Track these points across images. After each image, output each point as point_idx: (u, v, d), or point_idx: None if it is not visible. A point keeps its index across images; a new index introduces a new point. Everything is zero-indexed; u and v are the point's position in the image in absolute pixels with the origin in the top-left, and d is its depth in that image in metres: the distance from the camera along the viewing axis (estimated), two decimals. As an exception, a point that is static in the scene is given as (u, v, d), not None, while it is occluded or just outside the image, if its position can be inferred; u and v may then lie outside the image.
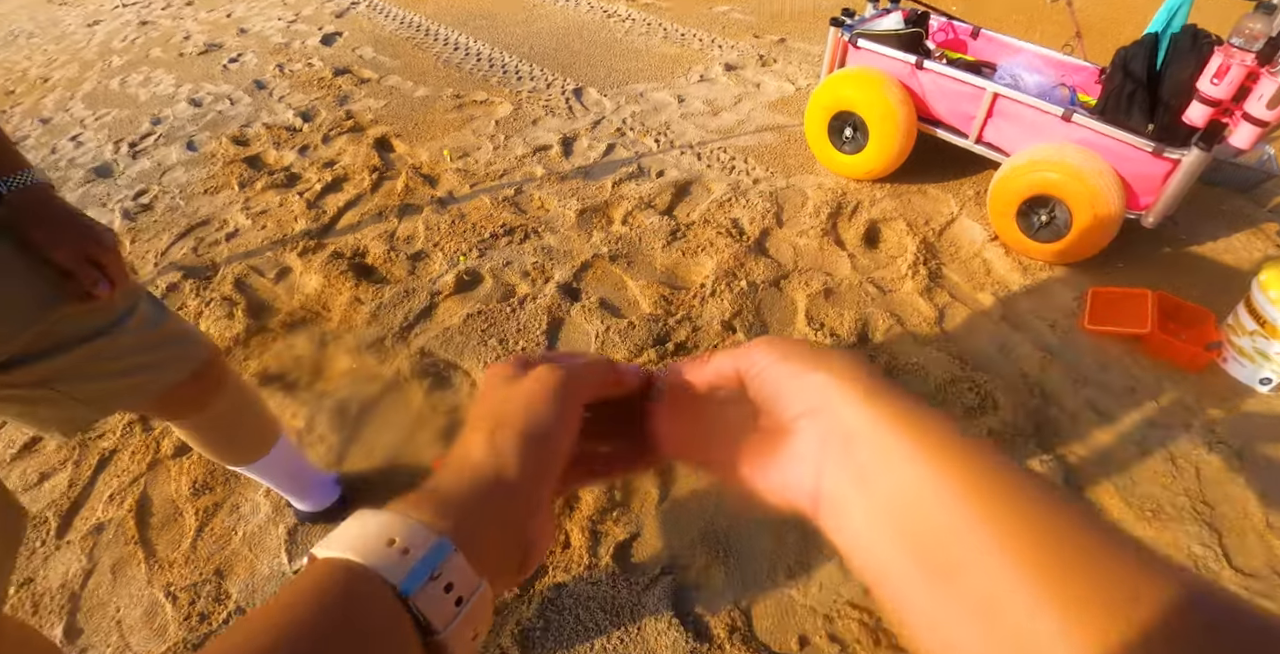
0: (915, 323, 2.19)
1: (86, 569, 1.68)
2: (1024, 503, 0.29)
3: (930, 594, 0.29)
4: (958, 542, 0.29)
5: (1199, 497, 1.71)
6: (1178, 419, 1.90)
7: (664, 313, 2.22)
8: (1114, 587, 0.25)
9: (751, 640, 1.49)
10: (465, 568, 0.34)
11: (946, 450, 0.31)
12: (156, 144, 3.29)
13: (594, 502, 1.72)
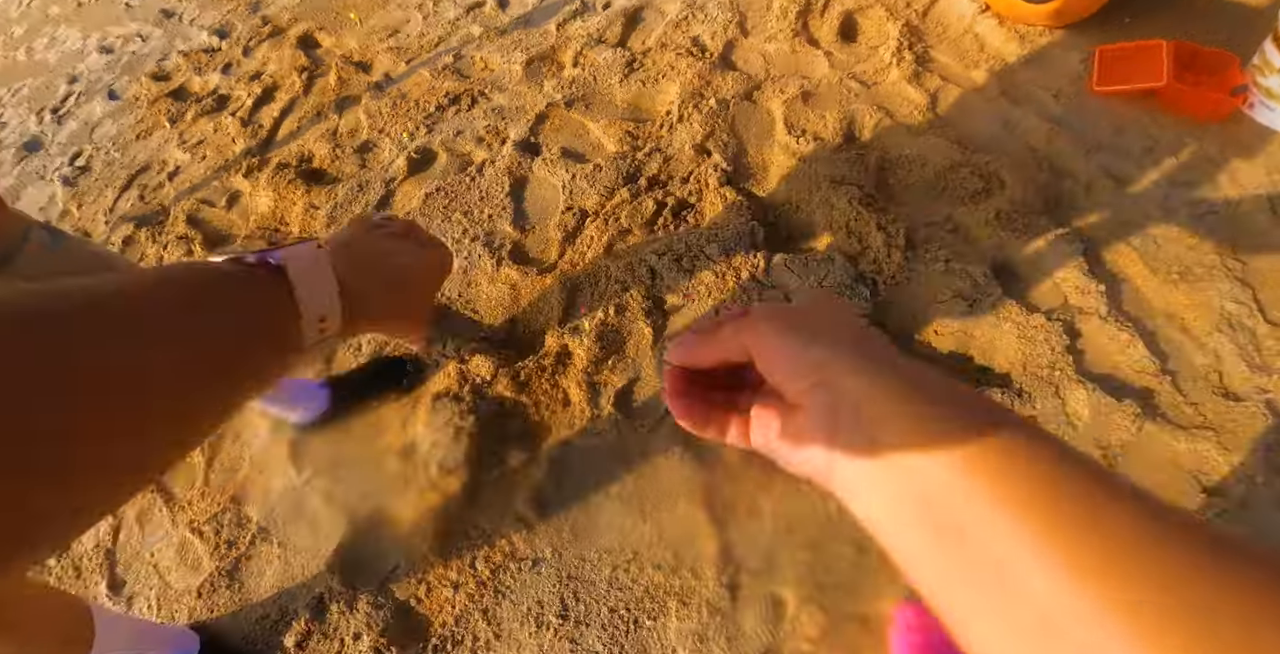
0: (906, 113, 1.99)
1: (114, 526, 1.69)
2: (1030, 464, 0.28)
3: (942, 560, 0.29)
4: (967, 508, 0.28)
5: (1229, 253, 1.55)
6: (1202, 175, 1.71)
7: (631, 149, 2.05)
8: (1124, 550, 0.25)
9: (769, 463, 1.40)
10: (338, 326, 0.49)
11: (955, 412, 0.31)
12: (78, 103, 3.11)
13: (586, 354, 1.61)
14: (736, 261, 1.71)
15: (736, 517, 1.34)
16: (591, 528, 1.40)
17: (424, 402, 1.63)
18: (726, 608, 1.24)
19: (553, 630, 1.29)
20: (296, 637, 1.40)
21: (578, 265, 1.83)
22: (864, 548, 1.26)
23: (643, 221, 1.87)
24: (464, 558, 1.41)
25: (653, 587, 1.30)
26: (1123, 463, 1.26)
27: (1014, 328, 1.46)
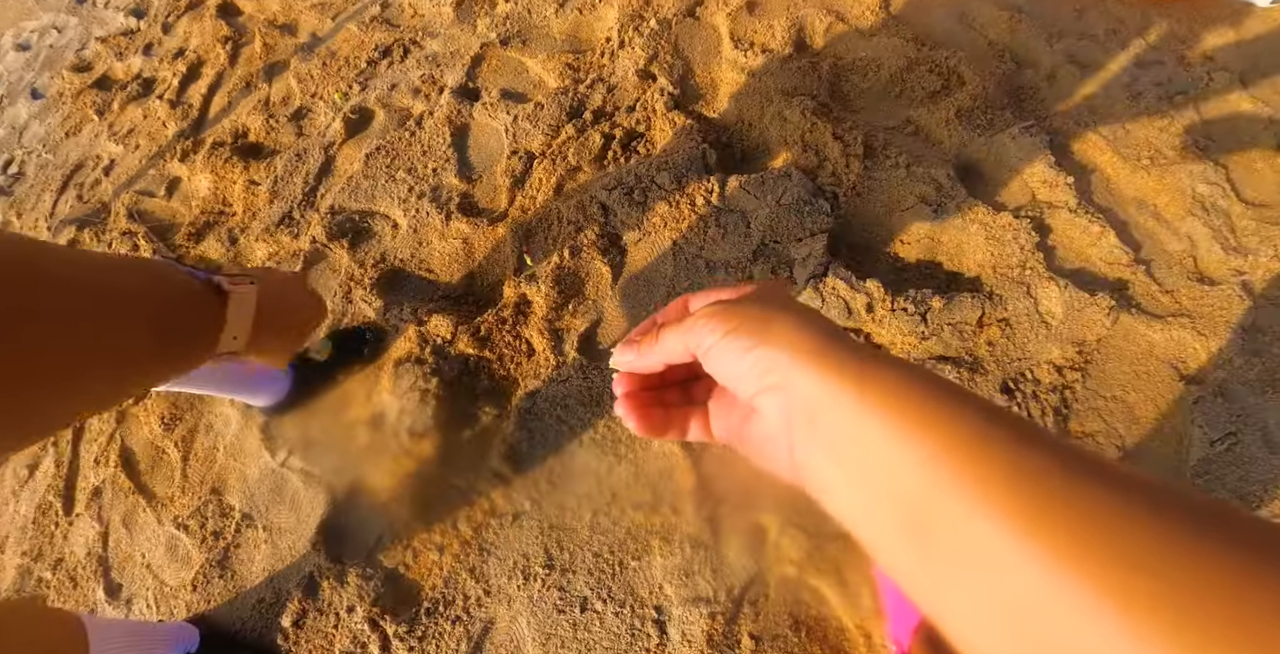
0: (858, 14, 1.89)
1: (101, 532, 1.67)
2: (998, 453, 0.27)
3: (917, 556, 0.29)
4: (933, 502, 0.28)
5: (1200, 132, 1.49)
6: (1170, 54, 1.63)
7: (573, 83, 1.96)
8: (1096, 528, 0.24)
9: (742, 390, 1.37)
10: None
11: (909, 408, 0.30)
12: (2, 108, 2.99)
13: (545, 301, 1.56)
14: (690, 188, 1.64)
15: (712, 449, 1.31)
16: (568, 475, 1.37)
17: (386, 369, 1.59)
18: (709, 541, 1.23)
19: (540, 581, 1.28)
20: (293, 616, 1.40)
21: (529, 210, 1.77)
22: (842, 466, 1.23)
23: (591, 157, 1.79)
24: (445, 520, 1.39)
25: (634, 527, 1.28)
26: (1100, 359, 1.22)
27: (981, 229, 1.40)
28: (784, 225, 1.53)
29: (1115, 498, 0.25)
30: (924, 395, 0.30)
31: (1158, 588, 0.22)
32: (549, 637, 1.22)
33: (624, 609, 1.21)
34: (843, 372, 0.32)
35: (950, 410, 0.29)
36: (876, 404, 0.31)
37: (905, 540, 0.29)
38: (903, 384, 0.31)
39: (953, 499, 0.27)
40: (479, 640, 1.26)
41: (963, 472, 0.27)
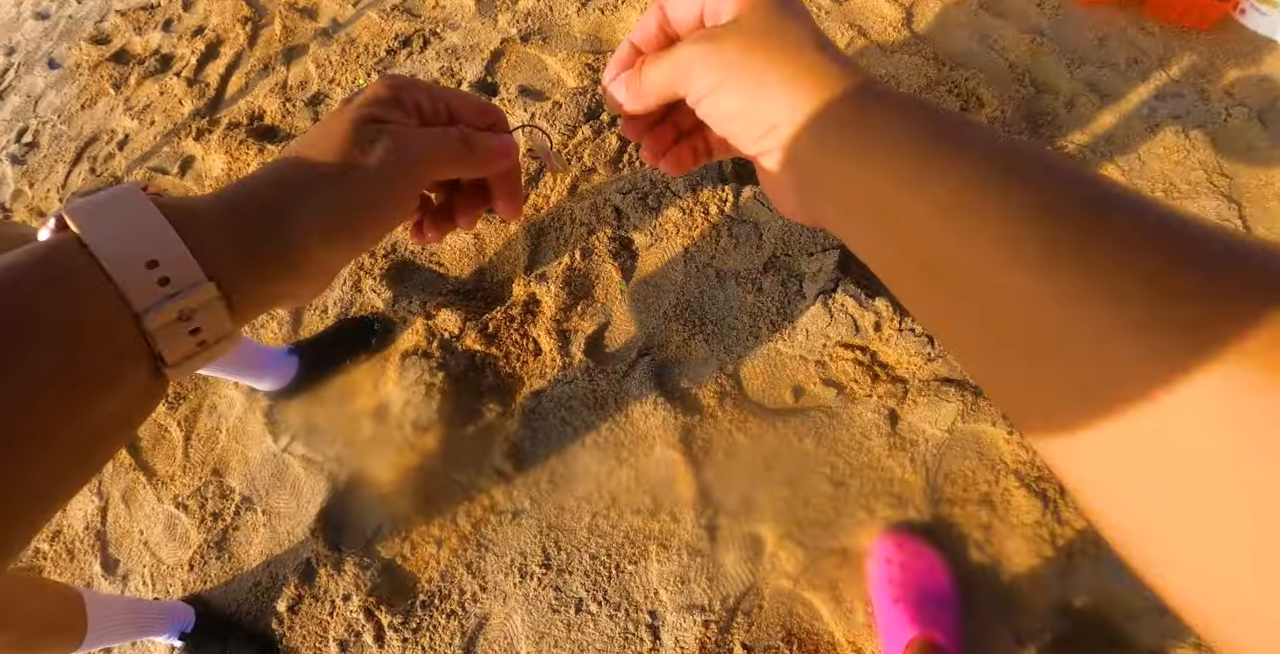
0: (880, 30, 1.90)
1: (101, 507, 1.68)
2: (1009, 189, 0.26)
3: (942, 301, 0.28)
4: (949, 253, 0.26)
5: (1215, 168, 1.51)
6: (1190, 87, 1.65)
7: (591, 83, 1.97)
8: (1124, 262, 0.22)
9: (744, 402, 1.39)
10: (223, 317, 0.31)
11: (914, 154, 0.28)
12: (19, 75, 2.98)
13: (555, 301, 1.58)
14: (704, 196, 1.66)
15: (713, 458, 1.33)
16: (569, 476, 1.39)
17: (393, 361, 1.61)
18: (706, 549, 1.25)
19: (536, 580, 1.30)
20: (289, 601, 1.41)
21: (542, 210, 1.78)
22: (840, 482, 1.25)
23: (606, 159, 1.81)
24: (445, 514, 1.41)
25: (632, 531, 1.30)
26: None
27: (988, 249, 1.42)
28: (796, 239, 1.55)
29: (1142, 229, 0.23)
30: (929, 136, 0.29)
31: (1149, 292, 0.21)
32: (542, 636, 1.24)
33: (618, 612, 1.23)
34: (842, 127, 0.31)
35: (956, 150, 0.28)
36: (880, 157, 0.29)
37: (926, 289, 0.28)
38: (906, 127, 0.29)
39: (967, 249, 0.26)
40: (473, 635, 1.28)
41: (975, 217, 0.26)
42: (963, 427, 1.25)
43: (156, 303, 0.29)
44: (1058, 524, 1.14)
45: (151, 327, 0.29)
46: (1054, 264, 0.23)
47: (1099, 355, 0.21)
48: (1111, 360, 0.21)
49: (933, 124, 0.29)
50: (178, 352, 0.30)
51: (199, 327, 0.30)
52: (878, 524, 1.20)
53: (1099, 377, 0.21)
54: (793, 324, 1.44)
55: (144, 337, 0.29)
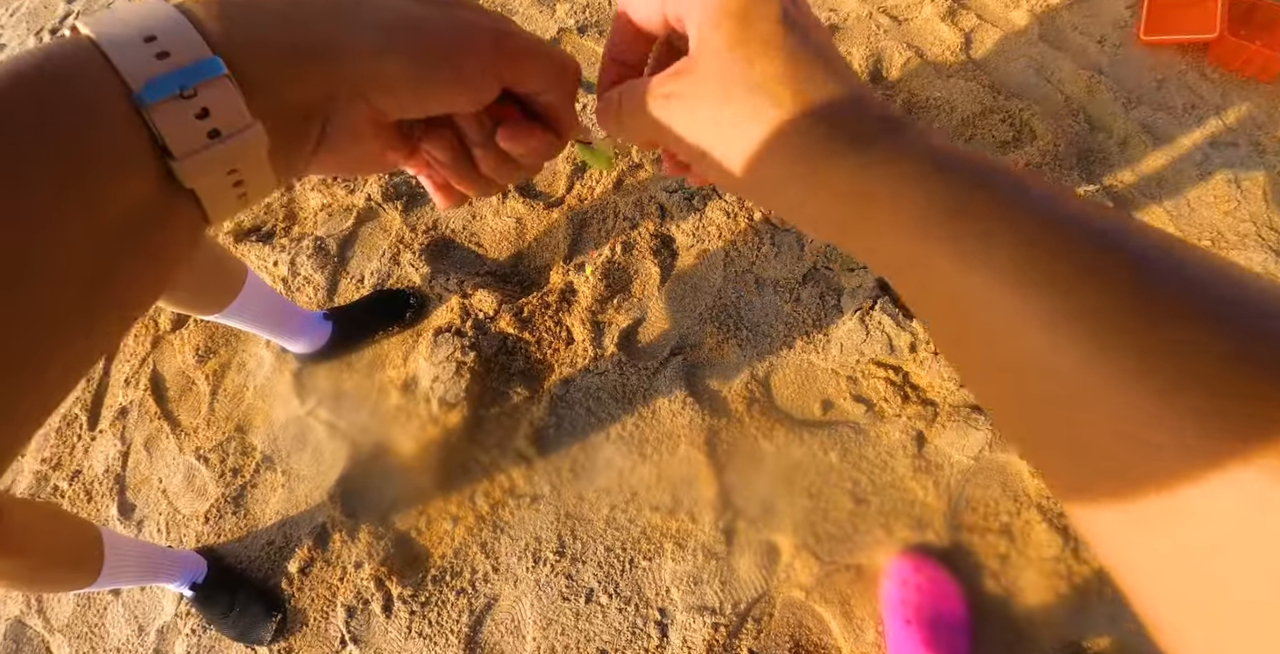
0: (937, 53, 1.90)
1: (123, 451, 1.70)
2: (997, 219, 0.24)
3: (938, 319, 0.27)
4: (941, 280, 0.25)
5: (1265, 222, 1.50)
6: (1245, 137, 1.64)
7: (642, 83, 1.98)
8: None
9: (772, 410, 1.39)
10: (236, 101, 0.26)
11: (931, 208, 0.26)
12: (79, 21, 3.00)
13: (591, 292, 1.59)
14: (749, 202, 1.66)
15: (736, 462, 1.34)
16: (591, 467, 1.40)
17: (426, 336, 1.62)
18: (722, 552, 1.26)
19: (549, 566, 1.31)
20: (300, 563, 1.43)
21: (585, 200, 1.79)
22: (862, 499, 1.26)
23: (654, 157, 1.81)
24: (464, 492, 1.43)
25: (650, 528, 1.31)
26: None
27: (1031, 282, 1.43)
28: (838, 253, 1.55)
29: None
30: (957, 206, 0.26)
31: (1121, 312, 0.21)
32: (550, 622, 1.26)
33: (628, 606, 1.24)
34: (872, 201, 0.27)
35: (1002, 205, 0.25)
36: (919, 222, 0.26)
37: (923, 302, 0.27)
38: (917, 195, 0.26)
39: (969, 279, 0.24)
40: (481, 615, 1.30)
41: (979, 243, 0.24)
42: (989, 455, 1.25)
43: (153, 77, 0.25)
44: (1076, 562, 1.15)
45: (148, 103, 0.25)
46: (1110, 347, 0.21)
47: (1146, 440, 0.20)
48: (1160, 445, 0.20)
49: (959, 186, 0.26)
50: (183, 138, 0.25)
51: (206, 108, 0.25)
52: (896, 544, 1.21)
53: (1143, 460, 0.20)
54: (827, 337, 1.45)
55: (143, 119, 0.25)
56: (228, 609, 1.38)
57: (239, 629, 1.37)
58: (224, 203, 0.28)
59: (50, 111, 0.23)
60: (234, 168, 0.27)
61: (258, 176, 0.28)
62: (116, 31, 0.25)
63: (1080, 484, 0.23)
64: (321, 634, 1.37)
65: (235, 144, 0.27)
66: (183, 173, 0.26)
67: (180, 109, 0.25)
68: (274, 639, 1.36)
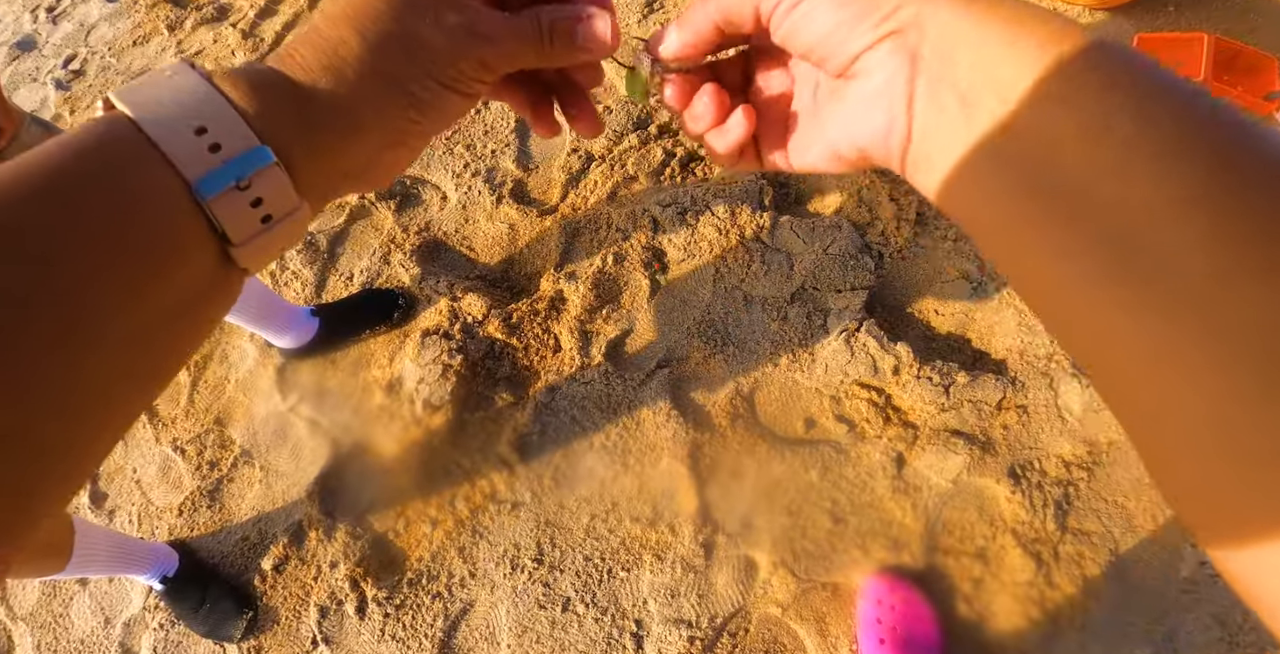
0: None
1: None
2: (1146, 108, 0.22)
3: (1043, 234, 0.24)
4: (1082, 169, 0.23)
5: None
6: None
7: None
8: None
9: (756, 426, 1.41)
10: (285, 187, 0.29)
11: (1081, 60, 0.24)
12: (74, 3, 2.97)
13: (581, 301, 1.60)
14: (742, 220, 1.68)
15: (718, 477, 1.35)
16: (573, 475, 1.40)
17: (413, 337, 1.62)
18: (701, 566, 1.26)
19: (527, 573, 1.31)
20: (274, 560, 1.42)
21: (579, 210, 1.80)
22: (840, 519, 1.27)
23: (649, 170, 1.83)
24: (444, 495, 1.42)
25: (629, 539, 1.31)
26: (1108, 462, 1.27)
27: (1015, 315, 1.45)
28: (827, 274, 1.57)
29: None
30: (1096, 47, 0.24)
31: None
32: (525, 630, 1.26)
33: (605, 617, 1.25)
34: (990, 5, 0.26)
35: (1131, 71, 0.23)
36: (1036, 49, 0.24)
37: (1034, 215, 0.24)
38: (1064, 29, 0.25)
39: (1117, 171, 0.22)
40: (456, 620, 1.29)
41: (1166, 160, 0.22)
42: (967, 479, 1.27)
43: (210, 171, 0.26)
44: (1048, 587, 1.17)
45: (208, 197, 0.26)
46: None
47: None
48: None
49: (1092, 38, 0.25)
50: (241, 227, 0.28)
51: (260, 197, 0.28)
52: (872, 565, 1.22)
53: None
54: (813, 357, 1.47)
55: (202, 211, 0.27)
56: (198, 604, 1.36)
57: (209, 625, 1.36)
58: (264, 263, 0.31)
59: (124, 212, 0.25)
60: (281, 247, 0.30)
61: (296, 241, 0.32)
62: (163, 119, 0.26)
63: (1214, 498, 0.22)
64: (293, 634, 1.36)
65: (286, 225, 0.30)
66: (240, 256, 0.29)
67: (237, 200, 0.27)
68: (244, 637, 1.35)
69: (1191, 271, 0.20)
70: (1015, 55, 0.25)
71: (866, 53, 0.28)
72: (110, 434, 0.27)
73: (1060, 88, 0.24)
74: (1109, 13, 2.03)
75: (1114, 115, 0.23)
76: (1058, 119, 0.23)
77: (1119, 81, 0.23)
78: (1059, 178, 0.23)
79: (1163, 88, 0.23)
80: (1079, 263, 0.23)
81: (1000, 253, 0.27)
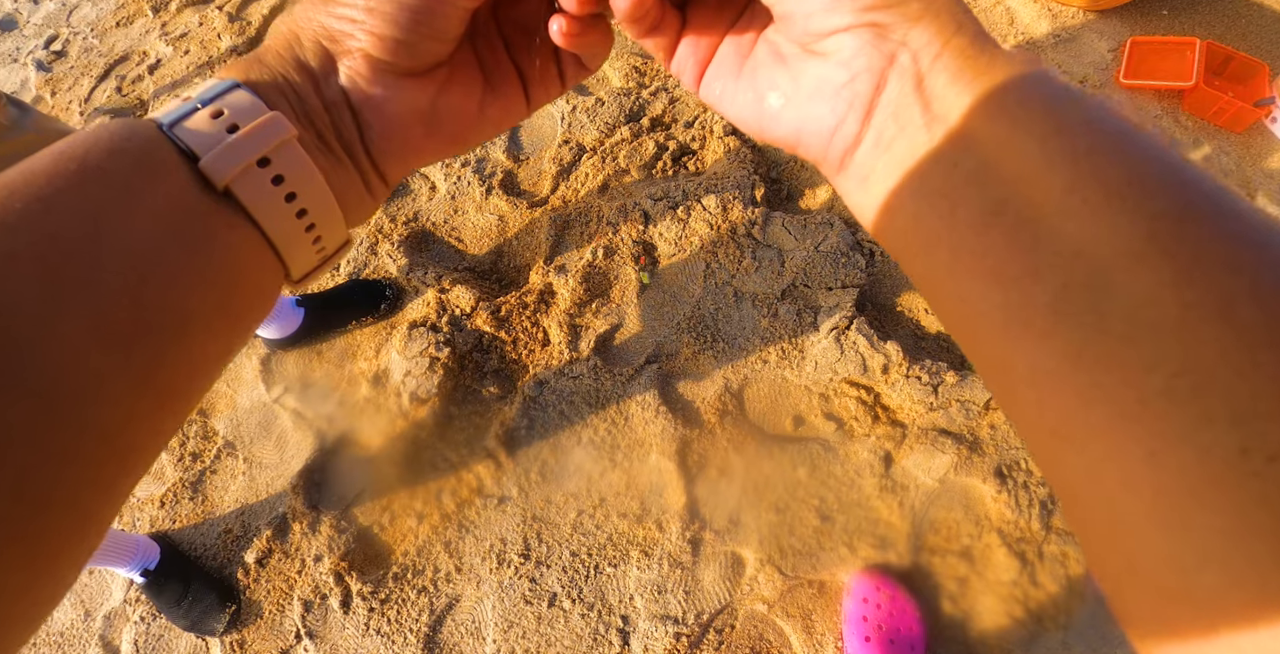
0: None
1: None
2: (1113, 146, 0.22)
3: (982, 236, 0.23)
4: (1024, 184, 0.22)
5: None
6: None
7: (637, 86, 1.98)
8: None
9: (744, 423, 1.41)
10: (299, 156, 0.28)
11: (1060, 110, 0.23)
12: (57, -20, 2.93)
13: (571, 295, 1.59)
14: (734, 215, 1.67)
15: (707, 474, 1.35)
16: (560, 471, 1.40)
17: (400, 328, 1.60)
18: (688, 562, 1.26)
19: (514, 568, 1.31)
20: (258, 554, 1.40)
21: (569, 202, 1.79)
22: (827, 517, 1.28)
23: (641, 163, 1.82)
24: (430, 489, 1.41)
25: (616, 535, 1.31)
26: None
27: (1004, 311, 1.45)
28: (818, 271, 1.57)
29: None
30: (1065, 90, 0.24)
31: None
32: (511, 625, 1.25)
33: (591, 612, 1.24)
34: (968, 26, 0.25)
35: (1085, 115, 0.23)
36: (1010, 80, 0.24)
37: (974, 223, 0.23)
38: (1047, 84, 0.25)
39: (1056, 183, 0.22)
40: (441, 615, 1.29)
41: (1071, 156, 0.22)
42: (954, 478, 1.28)
43: (222, 148, 0.26)
44: (1032, 586, 1.18)
45: (215, 167, 0.26)
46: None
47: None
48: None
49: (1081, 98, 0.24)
50: (259, 197, 0.28)
51: (280, 174, 0.28)
52: (858, 562, 1.23)
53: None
54: (802, 354, 1.47)
55: (233, 198, 0.27)
56: (180, 598, 1.35)
57: (191, 619, 1.34)
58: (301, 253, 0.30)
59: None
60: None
61: (312, 190, 0.29)
62: (183, 110, 0.27)
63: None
64: (276, 628, 1.35)
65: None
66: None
67: (259, 177, 0.28)
68: (226, 631, 1.34)
69: (1157, 315, 0.19)
70: (989, 83, 0.24)
71: (839, 34, 0.27)
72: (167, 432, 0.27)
73: (1029, 121, 0.23)
74: (1102, 15, 2.04)
75: (1090, 155, 0.22)
76: (1029, 154, 0.23)
77: (1100, 121, 0.23)
78: (1021, 215, 0.22)
79: (1123, 134, 0.23)
80: (1025, 292, 0.22)
81: (936, 280, 0.25)
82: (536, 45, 0.35)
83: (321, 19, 0.30)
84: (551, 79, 0.36)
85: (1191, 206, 0.21)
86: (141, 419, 0.24)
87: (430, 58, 0.31)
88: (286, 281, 0.31)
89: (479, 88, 0.34)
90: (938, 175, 0.25)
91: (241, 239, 0.28)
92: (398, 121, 0.31)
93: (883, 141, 0.26)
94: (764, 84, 0.31)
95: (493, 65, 0.35)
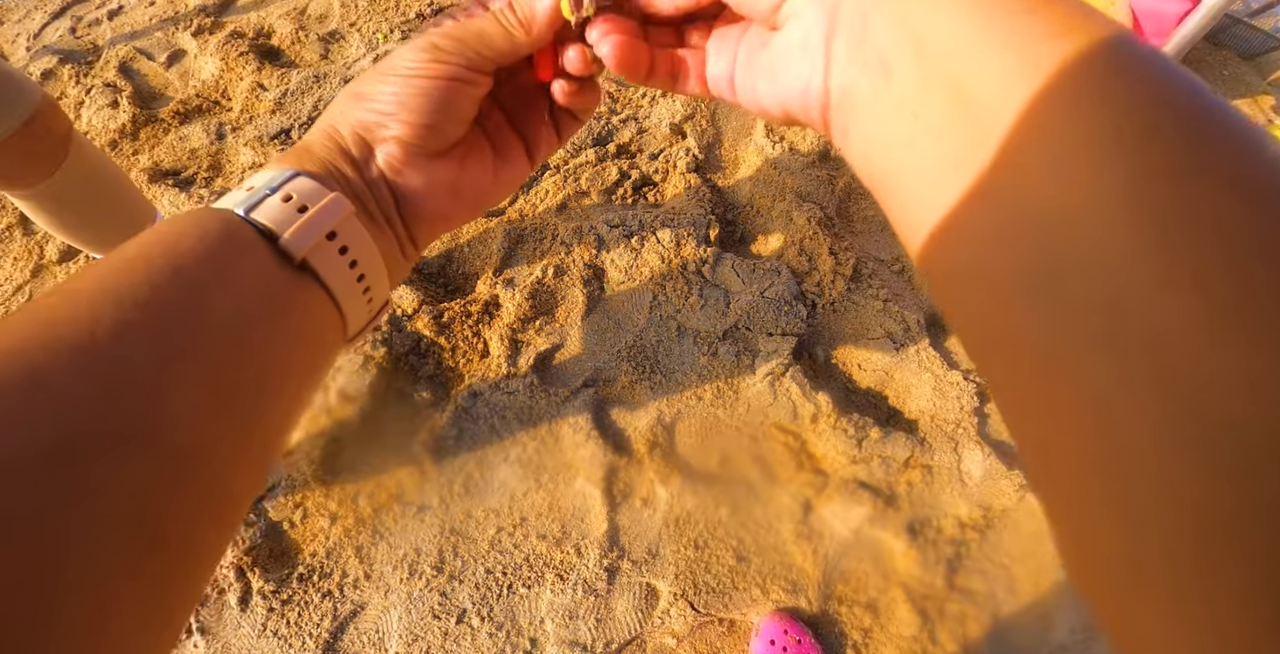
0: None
1: None
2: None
3: (945, 190, 0.22)
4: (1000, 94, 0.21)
5: None
6: None
7: (608, 111, 2.00)
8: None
9: (673, 457, 1.43)
10: (358, 229, 0.35)
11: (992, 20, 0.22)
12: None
13: (516, 309, 1.58)
14: (686, 251, 1.71)
15: (631, 503, 1.36)
16: (485, 485, 1.39)
17: (340, 324, 1.57)
18: (602, 590, 1.27)
19: (425, 580, 1.28)
20: (149, 538, 1.33)
21: (527, 216, 1.79)
22: (744, 557, 1.30)
23: (602, 187, 1.84)
24: (347, 490, 1.38)
25: (534, 556, 1.31)
26: (999, 527, 1.35)
27: (932, 379, 1.53)
28: (761, 316, 1.61)
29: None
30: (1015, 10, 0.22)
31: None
32: (416, 638, 1.23)
33: (499, 632, 1.23)
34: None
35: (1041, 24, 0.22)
36: (968, 8, 0.23)
37: (940, 171, 0.23)
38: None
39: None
40: (344, 622, 1.25)
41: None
42: (868, 531, 1.33)
43: (299, 227, 0.32)
44: (931, 644, 1.23)
45: (294, 243, 0.32)
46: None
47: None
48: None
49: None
50: (330, 265, 0.34)
51: (345, 245, 0.34)
52: (769, 605, 1.25)
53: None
54: (737, 395, 1.50)
55: (308, 267, 0.33)
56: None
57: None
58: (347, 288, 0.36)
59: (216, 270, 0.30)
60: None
61: (371, 262, 0.36)
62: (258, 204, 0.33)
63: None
64: (161, 619, 1.28)
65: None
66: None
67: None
68: (106, 618, 1.26)
69: (1125, 280, 0.18)
70: (940, 14, 0.23)
71: (783, 5, 0.29)
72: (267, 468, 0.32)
73: (990, 47, 0.22)
74: None
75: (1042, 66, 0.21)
76: (993, 63, 0.22)
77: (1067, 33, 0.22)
78: (986, 152, 0.21)
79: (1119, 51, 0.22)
80: (1005, 255, 0.21)
81: (899, 206, 0.25)
82: (546, 118, 0.43)
83: (358, 114, 0.36)
84: (550, 137, 0.43)
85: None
86: (242, 467, 0.27)
87: (451, 139, 0.37)
88: (343, 340, 0.38)
89: (490, 157, 0.41)
90: (904, 131, 0.24)
91: (317, 301, 0.34)
92: (429, 194, 0.38)
93: (847, 97, 0.27)
94: (759, 80, 0.34)
95: (498, 137, 0.42)
